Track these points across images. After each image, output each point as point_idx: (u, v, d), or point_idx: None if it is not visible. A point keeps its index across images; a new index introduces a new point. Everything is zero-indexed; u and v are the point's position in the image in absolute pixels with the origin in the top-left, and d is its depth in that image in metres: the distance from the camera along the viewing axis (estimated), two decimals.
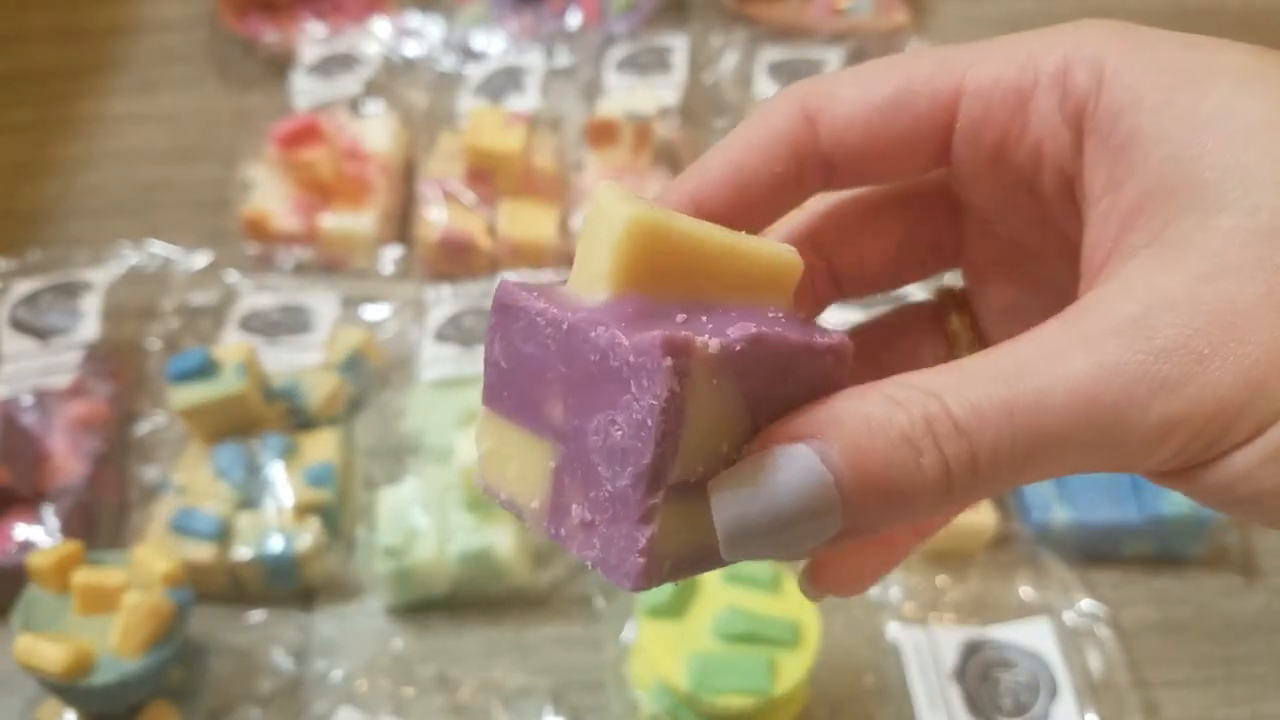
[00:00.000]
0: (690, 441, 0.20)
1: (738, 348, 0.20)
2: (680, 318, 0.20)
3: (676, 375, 0.19)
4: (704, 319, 0.20)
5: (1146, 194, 0.21)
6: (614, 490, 0.20)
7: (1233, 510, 0.20)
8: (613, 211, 0.20)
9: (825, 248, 0.27)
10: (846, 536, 0.20)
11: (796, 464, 0.19)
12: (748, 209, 0.25)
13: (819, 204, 0.28)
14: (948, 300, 0.29)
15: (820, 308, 0.29)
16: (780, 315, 0.22)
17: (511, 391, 0.22)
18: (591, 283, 0.21)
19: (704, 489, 0.20)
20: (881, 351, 0.29)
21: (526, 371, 0.21)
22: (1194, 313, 0.19)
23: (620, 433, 0.19)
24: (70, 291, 0.66)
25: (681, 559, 0.21)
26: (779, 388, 0.21)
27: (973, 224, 0.27)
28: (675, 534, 0.20)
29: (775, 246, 0.23)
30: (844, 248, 0.28)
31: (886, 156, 0.25)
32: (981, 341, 0.29)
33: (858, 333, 0.28)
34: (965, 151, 0.24)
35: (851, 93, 0.24)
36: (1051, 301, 0.26)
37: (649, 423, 0.19)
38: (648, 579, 0.20)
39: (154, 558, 0.49)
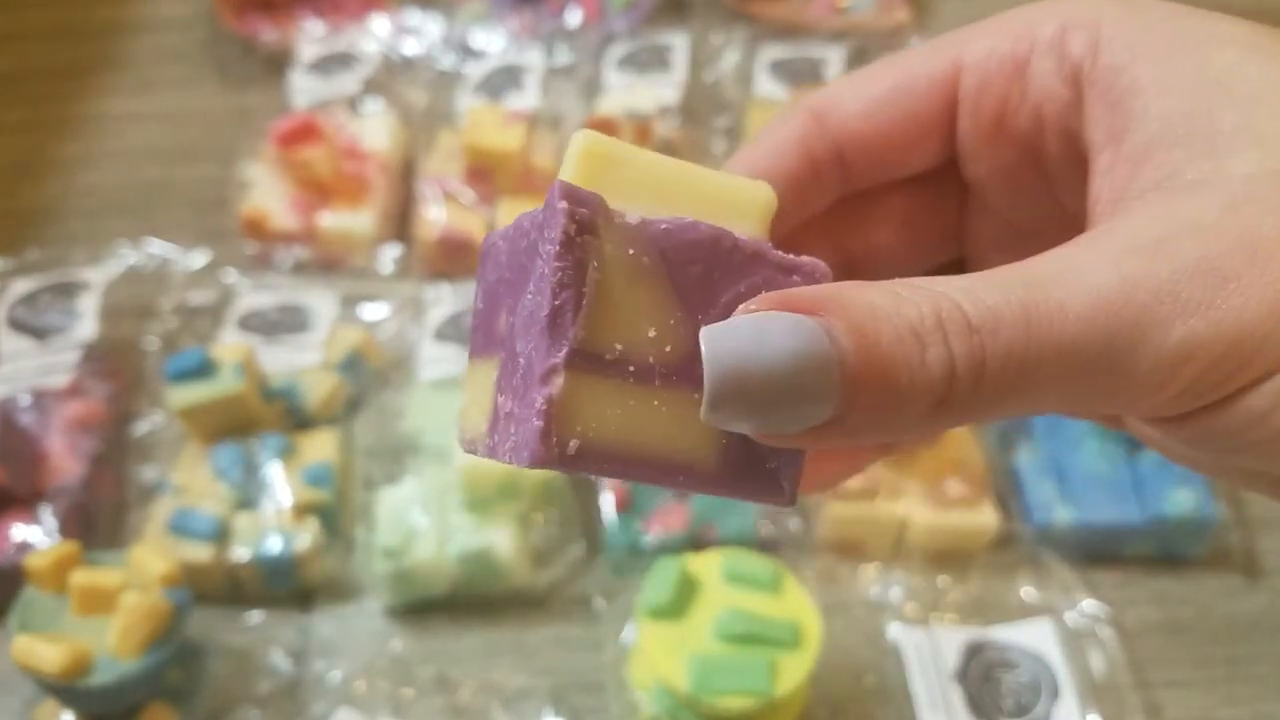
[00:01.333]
0: (602, 307, 0.19)
1: (662, 226, 0.20)
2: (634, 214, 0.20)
3: (576, 224, 0.18)
4: (657, 217, 0.20)
5: (1153, 140, 0.20)
6: (524, 364, 0.19)
7: (1237, 459, 0.20)
8: (574, 140, 0.21)
9: (835, 235, 0.28)
10: (829, 431, 0.18)
11: (801, 330, 0.18)
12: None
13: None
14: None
15: None
16: (744, 236, 0.21)
17: (481, 329, 0.22)
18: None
19: (636, 374, 0.19)
20: None
21: (491, 300, 0.22)
22: (1219, 237, 0.18)
23: (530, 298, 0.19)
24: (68, 291, 0.66)
25: (598, 446, 0.19)
26: (725, 290, 0.20)
27: (977, 207, 0.27)
28: (591, 411, 0.19)
29: (745, 180, 0.22)
30: (854, 236, 0.28)
31: (894, 143, 0.25)
32: None
33: None
34: (968, 124, 0.24)
35: (855, 89, 0.25)
36: None
37: (546, 271, 0.18)
38: (544, 447, 0.18)
39: (152, 558, 0.48)
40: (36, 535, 0.55)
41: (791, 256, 0.21)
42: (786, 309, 0.18)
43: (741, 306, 0.19)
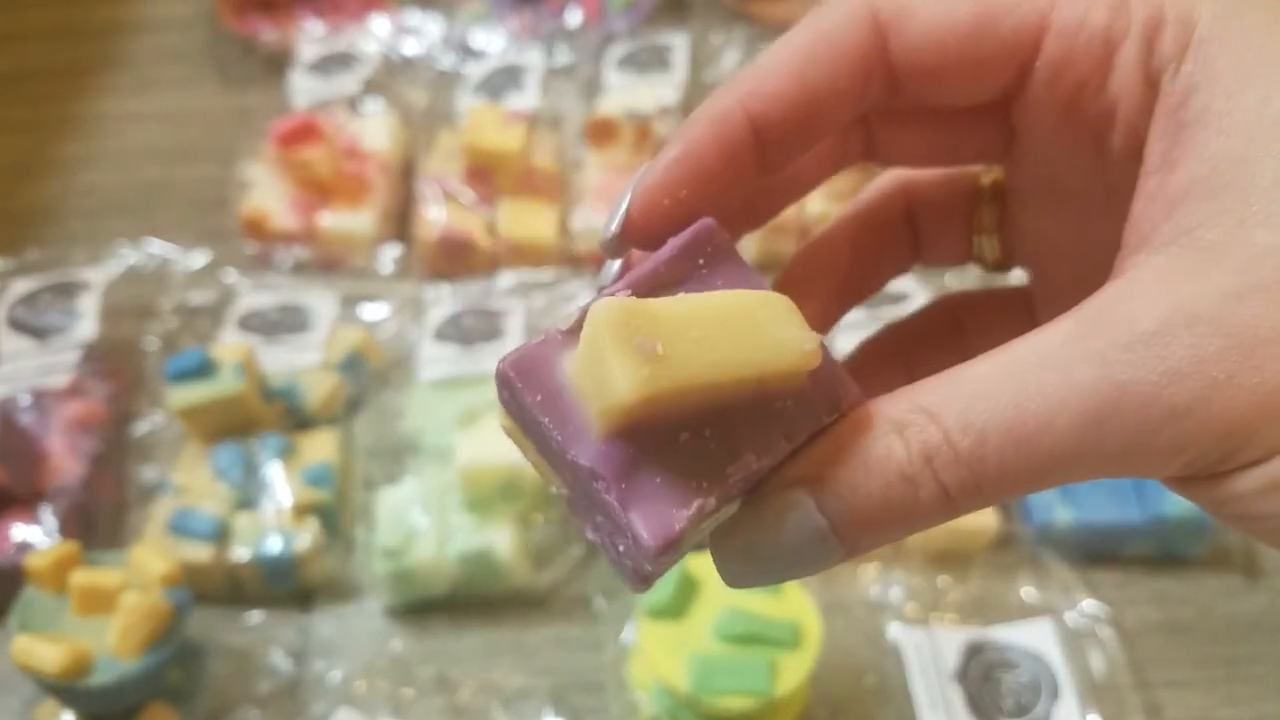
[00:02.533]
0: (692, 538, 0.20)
1: (735, 490, 0.20)
2: (685, 437, 0.20)
3: (669, 557, 0.20)
4: (708, 434, 0.20)
5: (1195, 181, 0.20)
6: (616, 556, 0.21)
7: (1232, 524, 0.20)
8: (614, 373, 0.19)
9: (870, 127, 0.26)
10: (848, 560, 0.21)
11: (793, 516, 0.20)
12: (807, 127, 0.23)
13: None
14: (983, 191, 0.28)
15: (837, 315, 0.28)
16: (788, 405, 0.21)
17: (523, 419, 0.21)
18: (589, 409, 0.20)
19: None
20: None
21: (536, 432, 0.21)
22: (1214, 334, 0.18)
23: (623, 550, 0.20)
24: (68, 291, 0.66)
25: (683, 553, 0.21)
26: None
27: (1023, 152, 0.26)
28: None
29: (788, 345, 0.20)
30: (888, 132, 0.26)
31: (959, 80, 0.23)
32: (1005, 250, 0.28)
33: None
34: (1040, 91, 0.23)
35: (929, 9, 0.23)
36: (1080, 242, 0.25)
37: (644, 575, 0.20)
38: (647, 587, 0.21)
39: (152, 558, 0.48)
40: (36, 535, 0.55)
41: (831, 414, 0.21)
42: (784, 486, 0.20)
43: (747, 498, 0.21)
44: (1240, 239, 0.19)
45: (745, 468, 0.20)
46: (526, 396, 0.20)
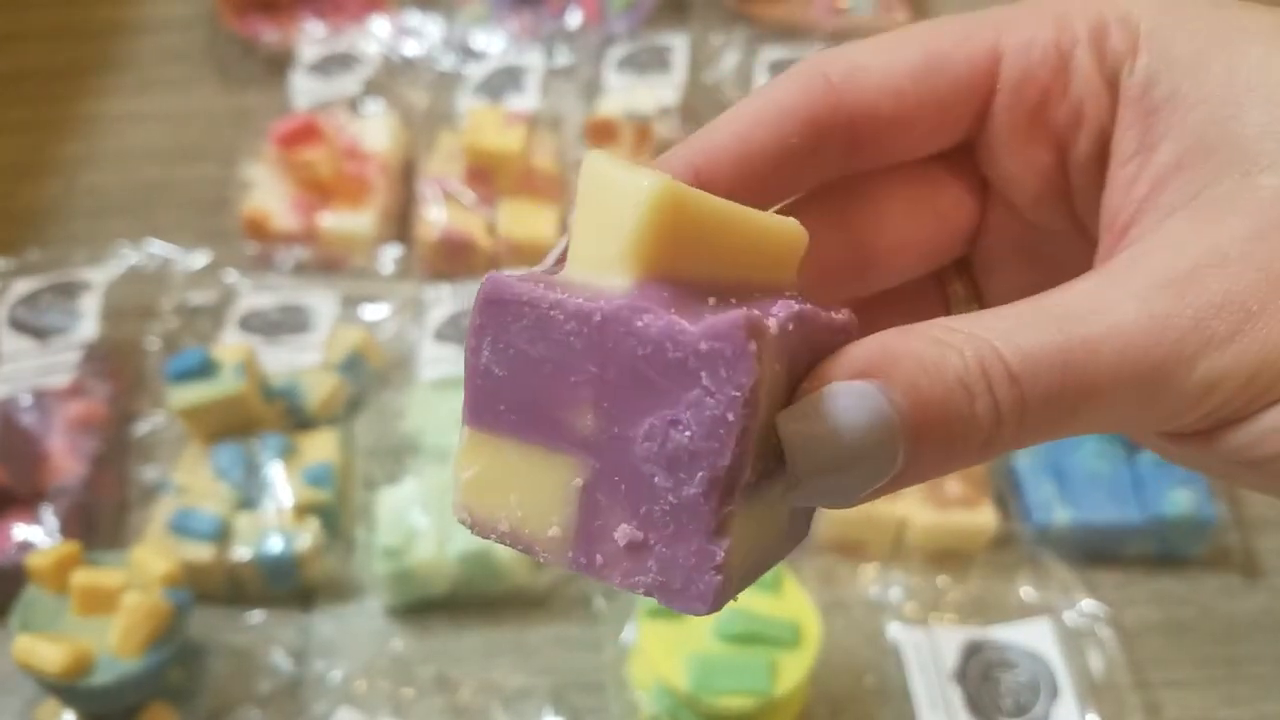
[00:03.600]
0: (758, 435, 0.18)
1: (790, 327, 0.18)
2: (711, 301, 0.18)
3: (758, 360, 0.17)
4: (733, 301, 0.19)
5: (1184, 153, 0.21)
6: (678, 501, 0.17)
7: (1246, 472, 0.20)
8: (628, 183, 0.18)
9: (836, 213, 0.26)
10: (892, 485, 0.19)
11: (865, 403, 0.18)
12: (755, 184, 0.23)
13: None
14: (948, 267, 0.28)
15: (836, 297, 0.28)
16: (795, 294, 0.21)
17: (510, 403, 0.19)
18: (605, 265, 0.18)
19: (755, 489, 0.18)
20: (879, 319, 0.28)
21: (535, 377, 0.18)
22: (1244, 269, 0.19)
23: (688, 434, 0.17)
24: (69, 291, 0.66)
25: (746, 567, 0.19)
26: (805, 368, 0.19)
27: (993, 200, 0.26)
28: (741, 540, 0.18)
29: (781, 219, 0.21)
30: (857, 215, 0.26)
31: (920, 124, 0.24)
32: (982, 306, 0.28)
33: (853, 303, 0.28)
34: (1004, 117, 0.23)
35: (879, 60, 0.23)
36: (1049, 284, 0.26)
37: (729, 417, 0.17)
38: (723, 598, 0.18)
39: (153, 558, 0.49)
40: (38, 535, 0.55)
41: (839, 317, 0.20)
42: (848, 378, 0.19)
43: (803, 386, 0.19)
44: (1247, 187, 0.20)
45: (789, 308, 0.18)
46: (525, 289, 0.18)
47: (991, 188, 0.26)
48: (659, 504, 0.18)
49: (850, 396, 0.18)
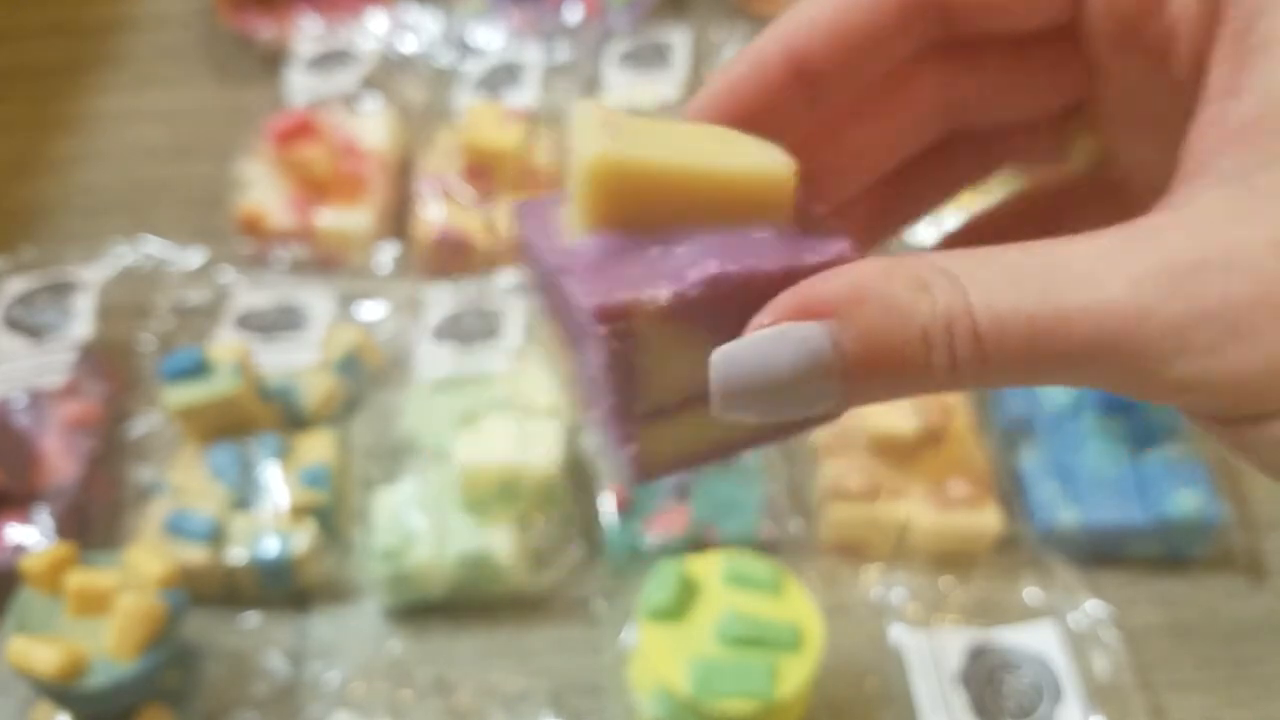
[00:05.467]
0: (656, 380, 0.20)
1: (693, 293, 0.20)
2: (654, 251, 0.20)
3: (617, 338, 0.19)
4: (679, 250, 0.21)
5: (1259, 117, 0.19)
6: (599, 413, 0.21)
7: (1256, 467, 0.20)
8: (580, 148, 0.20)
9: (934, 75, 0.25)
10: (829, 416, 0.20)
11: (805, 346, 0.19)
12: (846, 54, 0.23)
13: None
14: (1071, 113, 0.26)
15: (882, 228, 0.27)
16: (766, 236, 0.21)
17: (547, 308, 0.23)
18: (573, 217, 0.21)
19: (689, 403, 0.21)
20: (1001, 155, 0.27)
21: (554, 292, 0.22)
22: (1247, 283, 0.18)
23: (590, 372, 0.21)
24: (64, 290, 0.65)
25: (682, 456, 0.22)
26: (764, 297, 0.20)
27: (1101, 82, 0.25)
28: (668, 441, 0.21)
29: (763, 160, 0.21)
30: (957, 78, 0.25)
31: (1017, 5, 0.23)
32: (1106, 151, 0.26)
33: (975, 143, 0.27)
34: (1098, 13, 0.23)
35: None
36: (1167, 160, 0.23)
37: (599, 376, 0.20)
38: (643, 480, 0.22)
39: (148, 559, 0.48)
40: (32, 536, 0.54)
41: (814, 259, 0.21)
42: (797, 316, 0.19)
43: (754, 321, 0.20)
44: None
45: (704, 271, 0.20)
46: (526, 223, 0.22)
47: (1094, 69, 0.25)
48: (595, 404, 0.22)
49: (791, 342, 0.19)
